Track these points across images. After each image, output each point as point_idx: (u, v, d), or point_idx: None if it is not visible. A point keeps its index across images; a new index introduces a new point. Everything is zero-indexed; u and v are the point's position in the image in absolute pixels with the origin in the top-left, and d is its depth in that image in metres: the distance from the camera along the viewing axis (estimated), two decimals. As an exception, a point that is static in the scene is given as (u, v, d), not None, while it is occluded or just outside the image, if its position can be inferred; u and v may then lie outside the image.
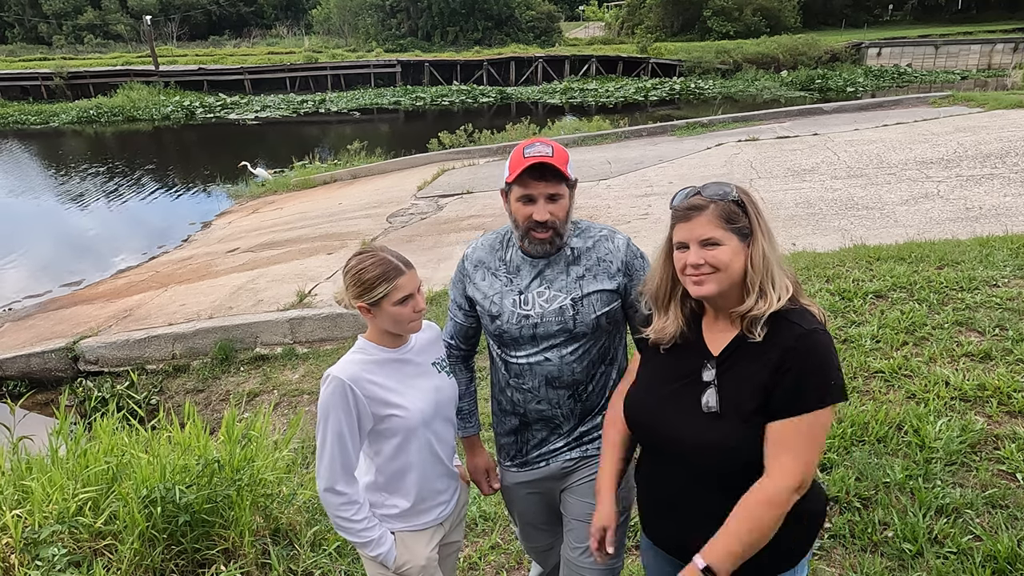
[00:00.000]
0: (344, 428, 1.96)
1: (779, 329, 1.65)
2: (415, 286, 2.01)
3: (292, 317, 6.37)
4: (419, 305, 2.01)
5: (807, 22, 40.98)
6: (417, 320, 2.03)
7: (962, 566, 2.68)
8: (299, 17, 54.87)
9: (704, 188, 1.72)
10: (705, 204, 1.68)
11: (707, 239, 1.67)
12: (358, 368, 2.00)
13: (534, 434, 2.20)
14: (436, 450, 2.12)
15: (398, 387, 2.04)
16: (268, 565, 3.00)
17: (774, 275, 1.68)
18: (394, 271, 1.97)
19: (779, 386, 1.62)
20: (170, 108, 27.88)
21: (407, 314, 1.99)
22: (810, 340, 1.63)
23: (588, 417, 2.17)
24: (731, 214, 1.67)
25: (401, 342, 2.11)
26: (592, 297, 2.05)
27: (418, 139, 17.33)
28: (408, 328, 2.04)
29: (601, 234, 2.11)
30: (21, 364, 6.37)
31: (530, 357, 2.10)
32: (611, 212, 9.01)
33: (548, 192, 1.98)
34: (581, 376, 2.10)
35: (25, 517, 2.80)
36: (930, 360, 4.08)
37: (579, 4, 61.35)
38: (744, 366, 1.68)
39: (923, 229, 6.96)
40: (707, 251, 1.66)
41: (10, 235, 12.58)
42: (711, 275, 1.67)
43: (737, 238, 1.67)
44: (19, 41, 51.16)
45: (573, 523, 2.19)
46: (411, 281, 2.00)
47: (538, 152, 1.98)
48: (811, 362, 1.61)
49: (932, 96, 16.16)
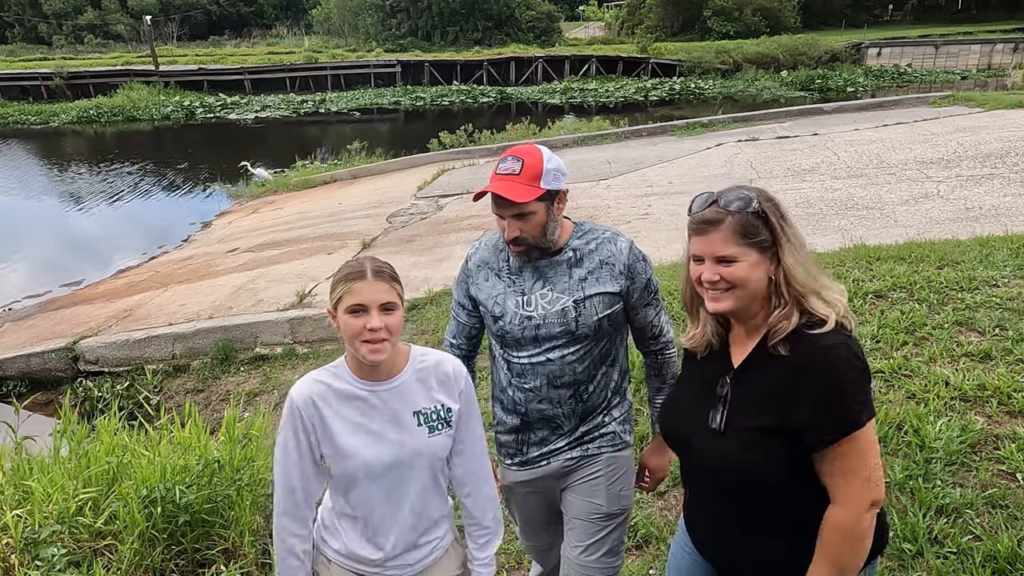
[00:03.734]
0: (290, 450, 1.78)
1: (797, 343, 1.56)
2: (376, 300, 1.69)
3: (292, 317, 6.37)
4: (372, 322, 1.67)
5: (807, 22, 40.97)
6: (373, 346, 1.69)
7: (962, 566, 2.68)
8: (299, 17, 54.84)
9: (722, 196, 1.60)
10: (721, 218, 1.58)
11: (722, 256, 1.58)
12: (314, 391, 1.78)
13: (535, 433, 2.20)
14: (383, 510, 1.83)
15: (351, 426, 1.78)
16: (268, 565, 3.00)
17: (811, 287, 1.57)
18: (356, 275, 1.70)
19: (799, 410, 1.52)
20: (170, 108, 27.86)
21: (356, 328, 1.68)
22: (827, 358, 1.52)
23: (589, 417, 2.17)
24: (749, 228, 1.57)
25: (376, 375, 1.79)
26: (594, 299, 2.05)
27: (418, 139, 17.32)
28: (361, 351, 1.70)
29: (604, 236, 2.11)
30: (21, 364, 6.37)
31: (532, 357, 2.10)
32: (611, 212, 9.01)
33: (512, 213, 1.98)
34: (583, 376, 2.11)
35: (25, 517, 2.80)
36: (930, 360, 4.08)
37: (579, 4, 61.35)
38: (759, 380, 1.61)
39: (923, 229, 6.96)
40: (722, 268, 1.58)
41: (10, 235, 12.58)
42: (728, 291, 1.59)
43: (756, 252, 1.57)
44: (19, 41, 51.13)
45: (574, 522, 2.19)
46: (371, 291, 1.69)
47: (506, 170, 1.98)
48: (828, 385, 1.50)
49: (932, 96, 16.16)
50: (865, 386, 1.52)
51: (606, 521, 2.18)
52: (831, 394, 1.49)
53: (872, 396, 1.56)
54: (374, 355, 1.71)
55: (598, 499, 2.17)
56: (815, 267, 1.61)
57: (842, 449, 1.51)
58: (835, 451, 1.51)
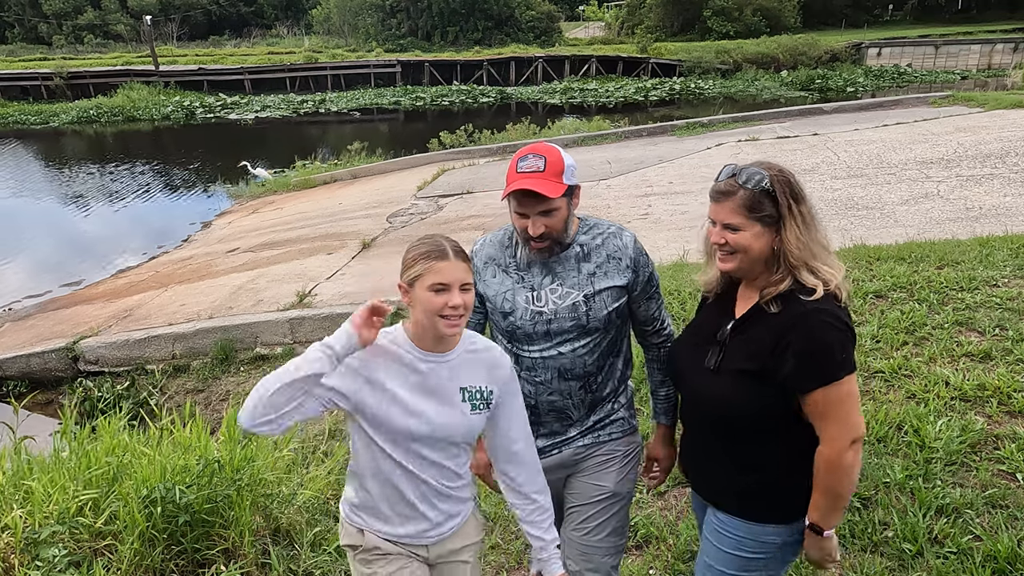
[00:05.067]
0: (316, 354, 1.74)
1: (788, 304, 1.78)
2: (458, 280, 1.78)
3: (292, 317, 6.37)
4: (454, 300, 1.77)
5: (807, 22, 40.94)
6: (451, 322, 1.79)
7: (962, 566, 2.68)
8: (299, 17, 54.80)
9: (743, 171, 1.80)
10: (734, 190, 1.79)
11: (728, 224, 1.80)
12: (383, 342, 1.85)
13: (545, 424, 2.23)
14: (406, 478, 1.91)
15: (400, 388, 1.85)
16: (268, 565, 3.00)
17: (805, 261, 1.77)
18: (437, 253, 1.78)
19: (783, 361, 1.75)
20: (170, 108, 27.85)
21: (438, 304, 1.77)
22: (811, 319, 1.73)
23: (598, 407, 2.22)
24: (756, 203, 1.77)
25: (436, 347, 1.88)
26: (604, 294, 2.10)
27: (418, 139, 17.32)
28: (438, 326, 1.80)
29: (609, 231, 2.16)
30: (21, 364, 6.37)
31: (543, 352, 2.14)
32: (611, 212, 9.02)
33: (540, 209, 2.00)
34: (592, 368, 2.15)
35: (26, 517, 2.80)
36: (930, 360, 4.08)
37: (579, 4, 61.29)
38: (753, 332, 1.83)
39: (923, 229, 6.96)
40: (728, 234, 1.81)
41: (10, 235, 12.58)
42: (732, 255, 1.82)
43: (760, 225, 1.78)
44: (19, 41, 51.13)
45: (577, 505, 2.24)
46: (453, 270, 1.78)
47: (530, 167, 1.99)
48: (810, 341, 1.72)
49: (932, 96, 16.15)
50: (845, 345, 1.74)
51: (611, 501, 2.22)
52: (810, 349, 1.72)
53: (852, 354, 1.76)
54: (451, 329, 1.81)
55: (606, 481, 2.22)
56: (818, 245, 1.80)
57: (821, 396, 1.74)
58: (815, 397, 1.75)
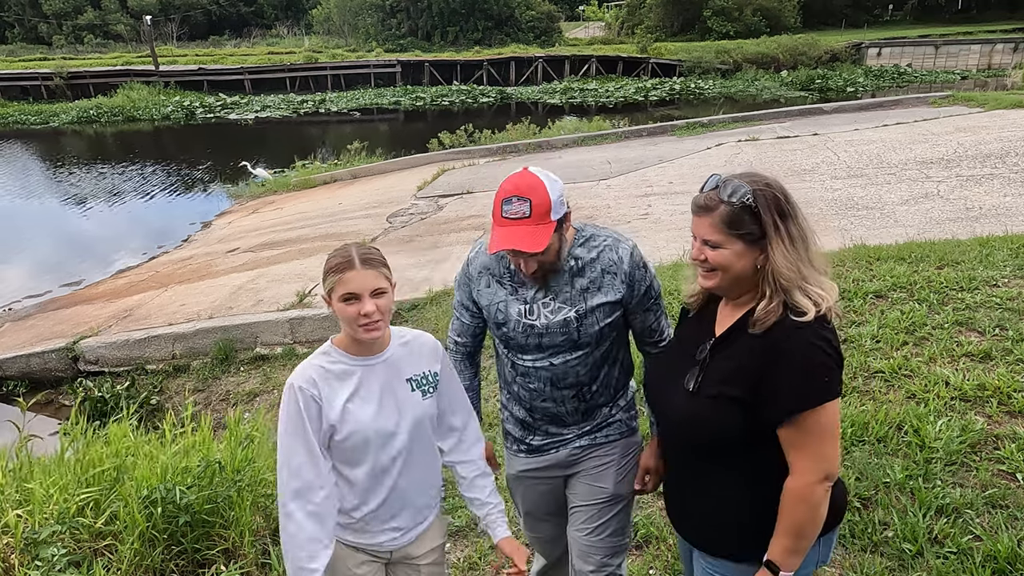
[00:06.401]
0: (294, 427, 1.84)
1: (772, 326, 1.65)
2: (367, 288, 1.80)
3: (292, 317, 6.38)
4: (365, 308, 1.79)
5: (807, 22, 40.94)
6: (369, 327, 1.82)
7: (962, 566, 2.68)
8: (299, 17, 54.81)
9: (723, 185, 1.67)
10: (714, 205, 1.67)
11: (708, 240, 1.69)
12: (313, 372, 1.88)
13: (541, 427, 2.24)
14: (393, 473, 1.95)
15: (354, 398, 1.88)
16: (268, 565, 3.00)
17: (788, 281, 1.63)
18: (345, 264, 1.79)
19: (763, 383, 1.63)
20: (170, 108, 27.86)
21: (351, 313, 1.80)
22: (795, 339, 1.61)
23: (594, 412, 2.21)
24: (736, 220, 1.64)
25: (368, 350, 1.92)
26: (596, 310, 2.06)
27: (418, 139, 17.32)
28: (359, 333, 1.84)
29: (606, 243, 2.08)
30: (21, 364, 6.37)
31: (536, 362, 2.13)
32: (611, 212, 9.01)
33: (529, 253, 1.92)
34: (585, 378, 2.14)
35: (26, 517, 2.80)
36: (930, 360, 4.08)
37: (579, 4, 61.28)
38: (734, 353, 1.71)
39: (923, 229, 6.96)
40: (708, 250, 1.70)
41: (10, 235, 12.58)
42: (712, 272, 1.71)
43: (742, 243, 1.66)
44: (19, 41, 51.13)
45: (580, 506, 2.25)
46: (362, 280, 1.79)
47: (515, 213, 1.87)
48: (791, 363, 1.61)
49: (932, 96, 16.14)
50: (827, 372, 1.61)
51: (612, 503, 2.22)
52: (790, 376, 1.61)
53: (837, 381, 1.64)
54: (370, 335, 1.85)
55: (605, 483, 2.22)
56: (807, 265, 1.67)
57: (798, 424, 1.62)
58: (792, 425, 1.63)
